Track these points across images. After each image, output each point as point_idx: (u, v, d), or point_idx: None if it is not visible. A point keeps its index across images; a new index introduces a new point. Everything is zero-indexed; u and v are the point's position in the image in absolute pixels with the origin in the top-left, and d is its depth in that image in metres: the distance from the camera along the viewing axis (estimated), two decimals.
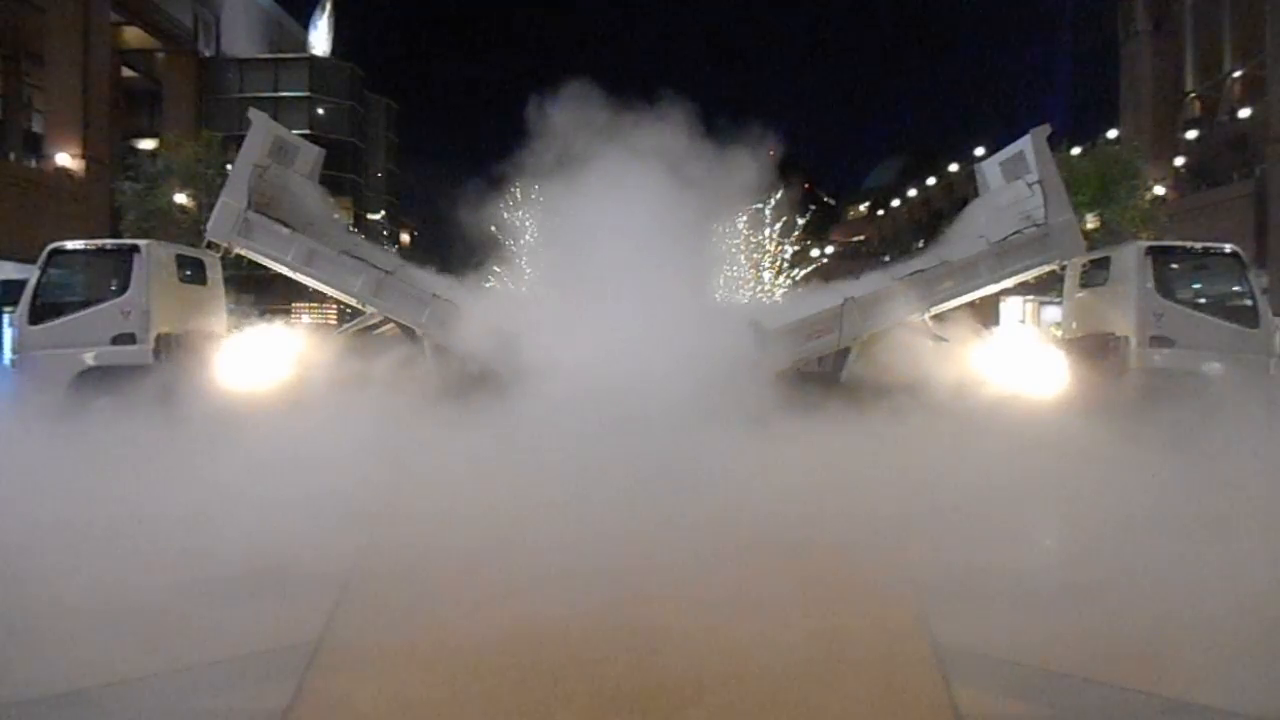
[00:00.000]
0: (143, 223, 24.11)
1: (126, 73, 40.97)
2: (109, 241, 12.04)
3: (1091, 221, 22.07)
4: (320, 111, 50.73)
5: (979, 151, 30.46)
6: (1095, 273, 11.61)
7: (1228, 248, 11.00)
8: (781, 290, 35.02)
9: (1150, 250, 10.75)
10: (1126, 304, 10.57)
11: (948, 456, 8.42)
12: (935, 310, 11.28)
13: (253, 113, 11.83)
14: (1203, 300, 10.81)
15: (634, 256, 10.30)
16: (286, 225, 11.32)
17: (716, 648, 4.12)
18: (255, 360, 11.22)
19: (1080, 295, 11.86)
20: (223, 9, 47.00)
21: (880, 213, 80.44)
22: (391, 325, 11.71)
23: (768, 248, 37.18)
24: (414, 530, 6.09)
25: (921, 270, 11.69)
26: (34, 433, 9.10)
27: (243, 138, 11.68)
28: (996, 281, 11.35)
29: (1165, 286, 10.50)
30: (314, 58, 52.83)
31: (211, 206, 11.88)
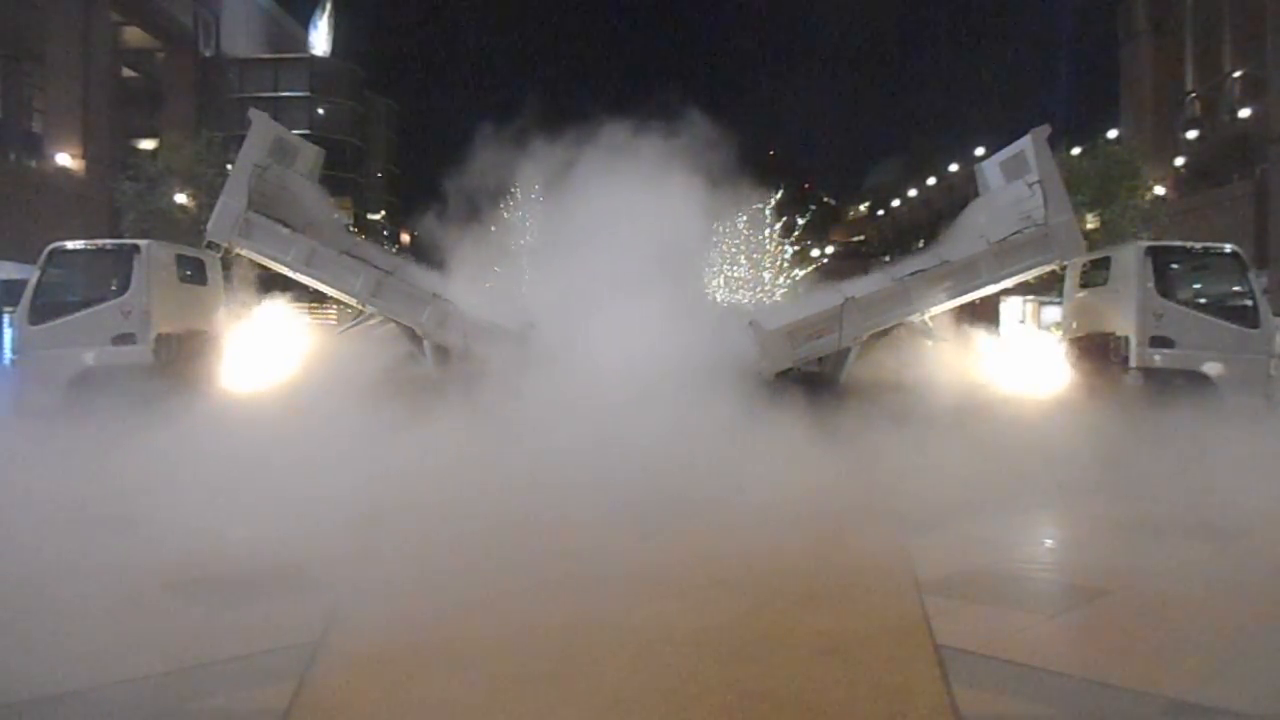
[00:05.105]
0: (143, 223, 24.08)
1: (126, 73, 41.00)
2: (109, 241, 12.04)
3: (1091, 221, 22.08)
4: (320, 111, 50.80)
5: (979, 151, 30.54)
6: (1095, 273, 11.62)
7: (1228, 248, 11.00)
8: (781, 290, 35.04)
9: (1150, 250, 10.75)
10: (1127, 304, 10.58)
11: (948, 457, 8.42)
12: (935, 310, 11.27)
13: (253, 113, 11.82)
14: (1203, 300, 10.81)
15: (633, 258, 10.30)
16: (286, 225, 11.32)
17: (716, 648, 4.12)
18: (255, 360, 11.23)
19: (1080, 295, 11.87)
20: (223, 9, 47.02)
21: (880, 213, 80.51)
22: (391, 325, 11.70)
23: (768, 248, 37.21)
24: (414, 530, 6.09)
25: (921, 270, 11.68)
26: (33, 433, 9.10)
27: (243, 138, 11.68)
28: (996, 281, 11.34)
29: (1165, 286, 10.50)
30: (314, 58, 52.89)
31: (211, 206, 11.87)
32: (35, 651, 4.00)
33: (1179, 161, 37.16)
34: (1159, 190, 27.57)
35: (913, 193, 71.14)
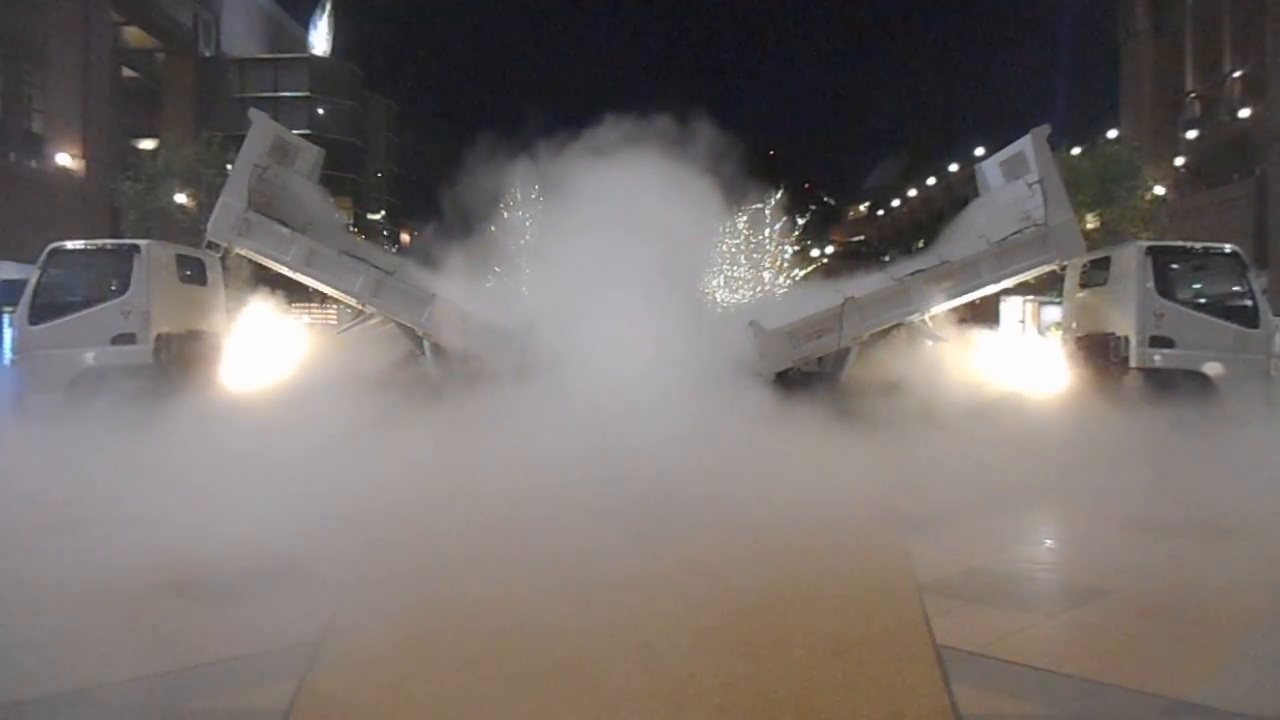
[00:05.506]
0: (143, 223, 24.11)
1: (126, 73, 40.99)
2: (109, 241, 12.04)
3: (1091, 221, 22.10)
4: (320, 111, 50.75)
5: (979, 151, 30.51)
6: (1095, 273, 11.62)
7: (1228, 248, 11.01)
8: (781, 290, 35.01)
9: (1150, 250, 10.75)
10: (1127, 304, 10.58)
11: (948, 457, 8.42)
12: (935, 310, 11.28)
13: (253, 113, 11.82)
14: (1203, 300, 10.82)
15: (634, 258, 10.31)
16: (286, 225, 11.32)
17: (716, 648, 4.12)
18: (255, 360, 11.24)
19: (1080, 295, 11.87)
20: (223, 9, 47.04)
21: (880, 213, 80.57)
22: (391, 325, 11.71)
23: (768, 248, 37.18)
24: (414, 530, 6.09)
25: (921, 270, 11.69)
26: (34, 433, 9.10)
27: (243, 138, 11.68)
28: (996, 281, 11.36)
29: (1165, 286, 10.50)
30: (314, 58, 52.86)
31: (211, 206, 11.88)
32: (35, 651, 4.00)
33: (1179, 161, 37.16)
34: (1159, 190, 27.55)
35: (913, 193, 71.19)
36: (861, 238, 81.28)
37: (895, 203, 75.23)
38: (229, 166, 13.45)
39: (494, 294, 14.85)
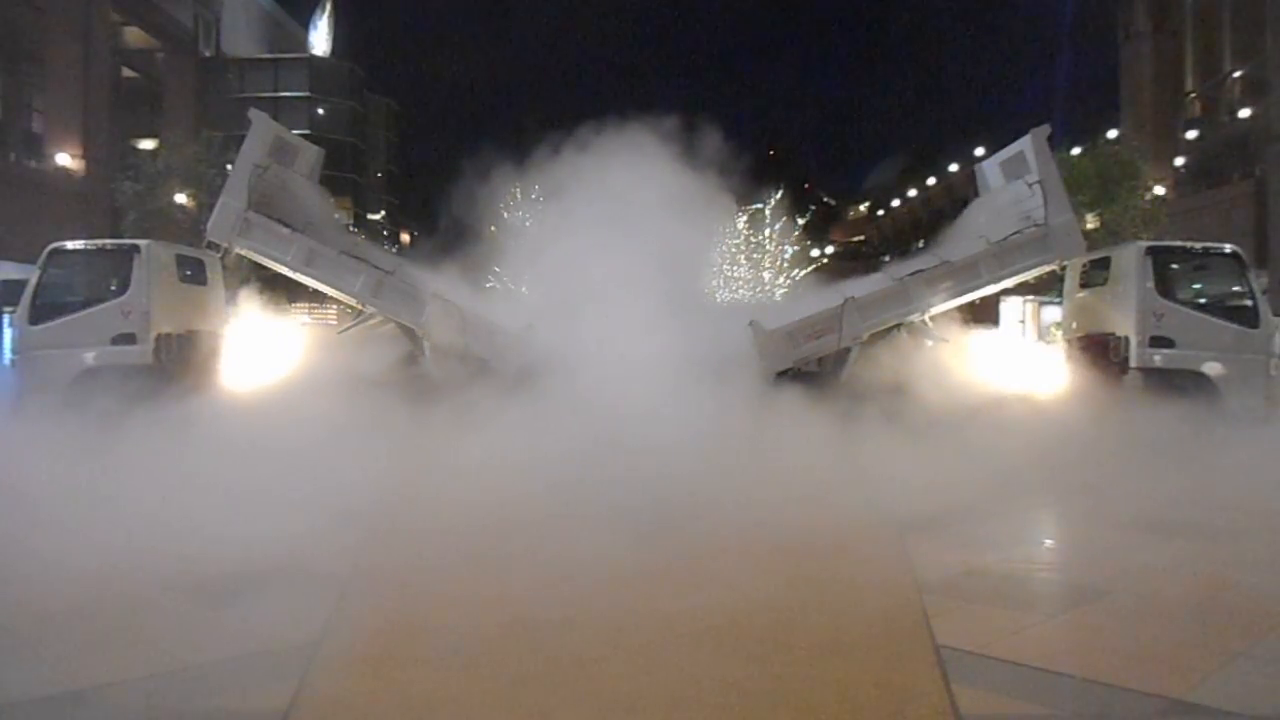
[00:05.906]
0: (143, 223, 24.07)
1: (126, 73, 41.03)
2: (109, 241, 12.03)
3: (1091, 221, 22.07)
4: (320, 111, 50.78)
5: (979, 151, 30.51)
6: (1095, 273, 11.61)
7: (1228, 248, 11.01)
8: (781, 290, 35.04)
9: (1150, 250, 10.75)
10: (1126, 304, 10.57)
11: (948, 457, 8.42)
12: (935, 310, 11.27)
13: (253, 113, 11.81)
14: (1203, 300, 10.81)
15: (634, 258, 10.31)
16: (286, 225, 11.31)
17: (716, 648, 4.12)
18: (255, 360, 11.23)
19: (1080, 295, 11.86)
20: (223, 9, 47.05)
21: (880, 213, 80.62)
22: (391, 325, 11.70)
23: (768, 248, 37.22)
24: (414, 530, 6.09)
25: (921, 270, 11.68)
26: (33, 433, 9.09)
27: (243, 138, 11.66)
28: (996, 281, 11.34)
29: (1165, 286, 10.50)
30: (314, 58, 52.89)
31: (211, 206, 11.86)
32: (35, 651, 4.00)
33: (1179, 161, 37.17)
34: (1159, 190, 27.53)
35: (913, 193, 71.24)
36: (861, 238, 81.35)
37: (895, 203, 75.28)
38: (229, 166, 13.44)
39: (494, 294, 14.84)
